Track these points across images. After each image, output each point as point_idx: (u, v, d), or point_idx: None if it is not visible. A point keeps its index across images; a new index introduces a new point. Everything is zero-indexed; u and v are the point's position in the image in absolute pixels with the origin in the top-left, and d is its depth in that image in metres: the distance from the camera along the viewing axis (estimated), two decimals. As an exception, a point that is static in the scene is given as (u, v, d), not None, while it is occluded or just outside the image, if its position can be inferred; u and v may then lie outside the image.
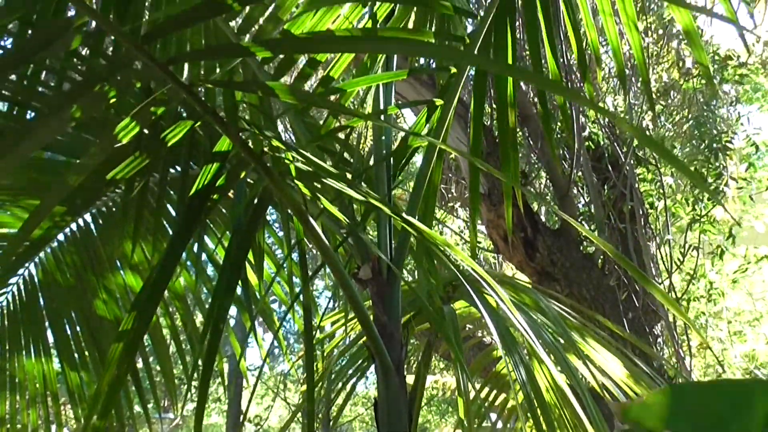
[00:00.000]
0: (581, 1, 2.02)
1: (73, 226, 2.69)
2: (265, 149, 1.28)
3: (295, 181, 1.33)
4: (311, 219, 1.31)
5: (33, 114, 1.43)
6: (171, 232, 2.54)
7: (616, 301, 4.44)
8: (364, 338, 1.90)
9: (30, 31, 1.23)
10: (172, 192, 2.35)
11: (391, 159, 1.68)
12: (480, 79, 1.86)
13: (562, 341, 1.67)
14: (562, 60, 4.52)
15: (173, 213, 2.48)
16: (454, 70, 1.65)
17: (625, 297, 4.54)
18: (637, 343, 2.58)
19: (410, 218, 1.25)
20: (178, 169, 2.04)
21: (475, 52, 1.68)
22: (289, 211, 1.42)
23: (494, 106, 2.96)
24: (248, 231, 1.36)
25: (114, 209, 2.60)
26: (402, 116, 6.36)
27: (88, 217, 2.66)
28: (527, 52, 2.17)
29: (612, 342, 2.13)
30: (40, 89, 1.44)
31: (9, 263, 2.36)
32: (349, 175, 1.90)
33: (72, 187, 1.30)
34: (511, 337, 1.62)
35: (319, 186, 1.35)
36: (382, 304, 1.52)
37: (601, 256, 4.62)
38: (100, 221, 2.65)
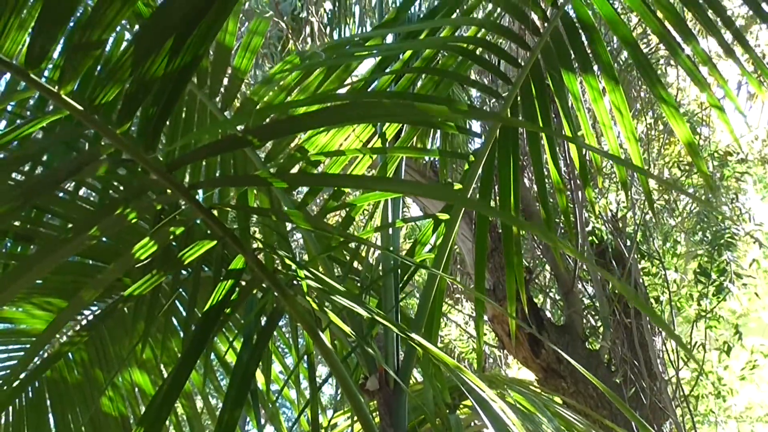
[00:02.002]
0: (581, 115, 2.11)
1: (83, 322, 2.73)
2: (278, 267, 1.34)
3: (306, 296, 1.38)
4: (320, 332, 1.35)
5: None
6: (180, 331, 2.58)
7: (623, 398, 4.40)
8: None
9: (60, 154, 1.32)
10: (183, 292, 2.40)
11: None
12: (486, 182, 1.93)
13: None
14: (564, 159, 4.65)
15: (183, 312, 2.52)
16: (459, 185, 1.73)
17: (632, 394, 4.50)
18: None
19: (415, 336, 1.29)
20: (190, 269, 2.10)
21: (481, 166, 1.76)
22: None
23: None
24: (259, 344, 1.40)
25: (124, 307, 2.64)
26: (408, 207, 6.46)
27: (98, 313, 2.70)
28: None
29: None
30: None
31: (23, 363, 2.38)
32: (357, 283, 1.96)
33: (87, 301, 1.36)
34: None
35: (327, 302, 1.40)
36: (389, 416, 1.54)
37: (607, 353, 4.60)
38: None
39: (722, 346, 5.59)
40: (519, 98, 1.82)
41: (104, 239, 1.98)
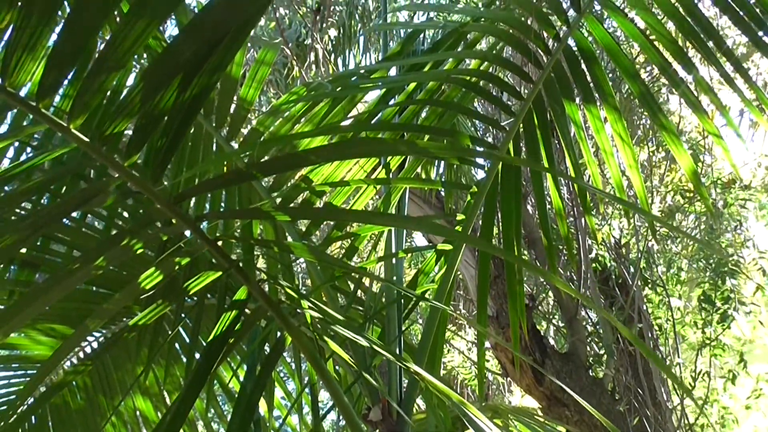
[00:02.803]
0: (583, 144, 2.12)
1: (87, 348, 2.74)
2: (282, 298, 1.35)
3: (309, 327, 1.39)
4: (323, 363, 1.36)
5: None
6: (184, 358, 2.58)
7: (627, 427, 4.37)
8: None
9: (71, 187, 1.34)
10: (187, 319, 2.40)
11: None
12: (488, 213, 1.94)
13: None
14: (567, 185, 4.66)
15: (186, 339, 2.52)
16: (461, 216, 1.74)
17: (636, 422, 4.47)
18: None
19: (417, 368, 1.30)
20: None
21: (483, 197, 1.78)
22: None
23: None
24: (263, 374, 1.41)
25: (127, 328, 2.64)
26: (412, 236, 6.47)
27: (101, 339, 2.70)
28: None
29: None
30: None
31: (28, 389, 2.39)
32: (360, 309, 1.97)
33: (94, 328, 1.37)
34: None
35: (331, 333, 1.41)
36: (391, 447, 1.54)
37: (611, 381, 4.58)
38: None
39: (727, 374, 5.55)
40: (521, 129, 1.84)
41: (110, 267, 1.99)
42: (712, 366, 5.43)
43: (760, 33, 1.87)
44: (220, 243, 1.29)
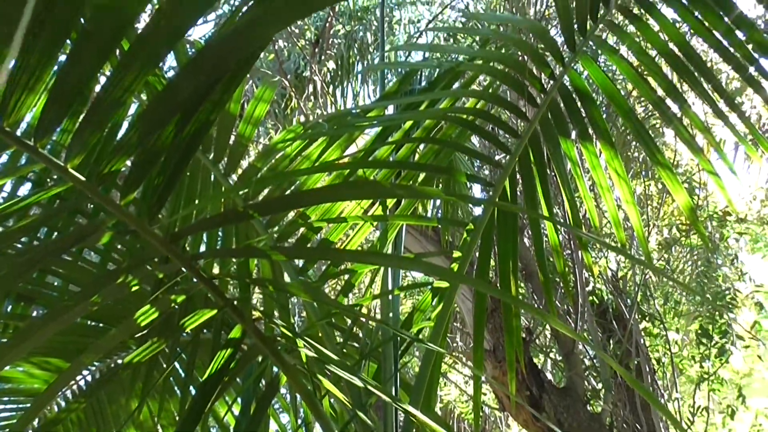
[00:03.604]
0: (580, 182, 2.13)
1: (81, 381, 2.71)
2: (278, 337, 1.34)
3: (305, 365, 1.38)
4: (318, 402, 1.35)
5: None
6: (178, 392, 2.55)
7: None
8: None
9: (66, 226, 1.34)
10: (182, 353, 2.39)
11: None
12: (485, 250, 1.94)
13: None
14: (564, 218, 4.67)
15: (181, 372, 2.50)
16: (458, 254, 1.74)
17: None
18: None
19: (412, 409, 1.29)
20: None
21: (480, 235, 1.78)
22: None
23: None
24: (258, 412, 1.40)
25: (122, 366, 2.62)
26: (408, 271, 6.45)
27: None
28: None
29: None
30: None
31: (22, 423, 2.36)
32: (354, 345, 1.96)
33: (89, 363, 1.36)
34: None
35: (326, 372, 1.40)
36: (387, 487, 1.52)
37: (609, 416, 4.54)
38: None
39: (726, 410, 5.51)
40: (518, 166, 1.85)
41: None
42: (711, 400, 5.39)
43: (752, 70, 1.90)
44: (216, 281, 1.28)
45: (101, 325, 2.30)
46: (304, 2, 0.87)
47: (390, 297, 1.73)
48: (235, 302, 1.28)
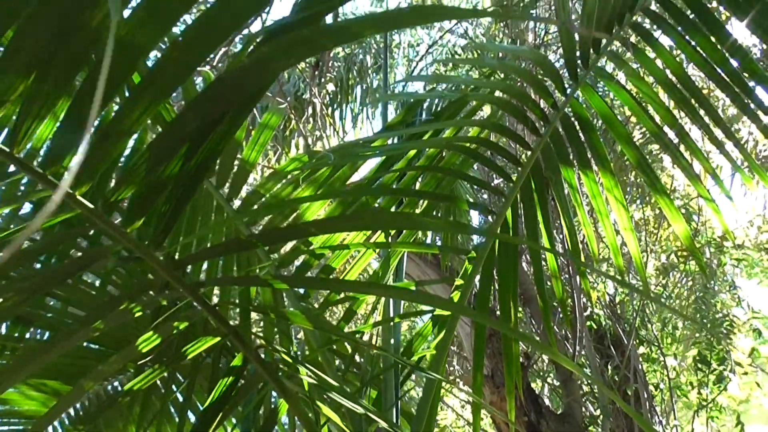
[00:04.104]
0: (580, 210, 2.14)
1: (78, 405, 2.70)
2: (280, 365, 1.34)
3: (307, 393, 1.38)
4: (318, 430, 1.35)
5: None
6: (176, 418, 2.54)
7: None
8: None
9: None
10: (180, 377, 2.38)
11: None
12: (485, 279, 1.95)
13: None
14: (562, 243, 4.68)
15: (180, 397, 2.49)
16: (460, 281, 1.75)
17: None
18: None
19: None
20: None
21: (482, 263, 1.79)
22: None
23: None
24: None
25: (120, 390, 2.61)
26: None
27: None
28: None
29: None
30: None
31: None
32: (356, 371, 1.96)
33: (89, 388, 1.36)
34: None
35: (327, 399, 1.40)
36: None
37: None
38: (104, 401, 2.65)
39: (724, 438, 5.50)
40: (518, 194, 1.87)
41: (105, 326, 1.98)
42: (709, 428, 5.37)
43: (747, 101, 1.92)
44: (213, 306, 1.29)
45: (99, 347, 2.29)
46: (309, 42, 0.89)
47: (391, 324, 1.74)
48: (238, 330, 1.28)
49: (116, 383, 2.65)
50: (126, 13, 0.91)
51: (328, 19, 1.13)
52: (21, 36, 0.89)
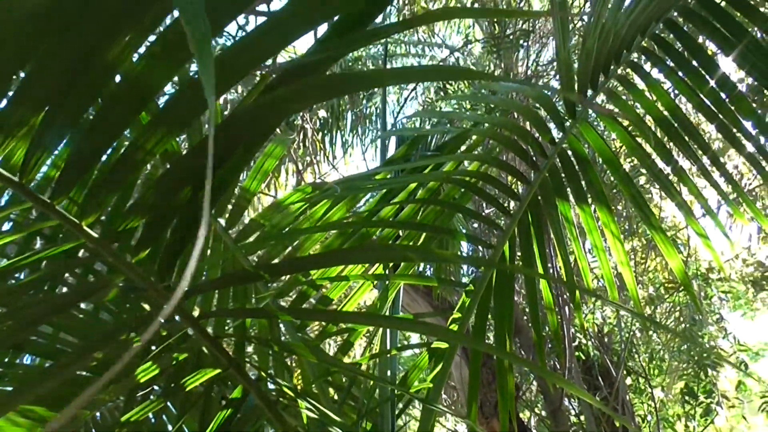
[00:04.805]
0: (575, 244, 2.16)
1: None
2: (280, 398, 1.34)
3: (306, 427, 1.37)
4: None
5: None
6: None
7: None
8: None
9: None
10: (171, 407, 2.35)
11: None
12: (483, 303, 1.95)
13: None
14: (553, 272, 4.70)
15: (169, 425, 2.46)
16: (458, 314, 1.75)
17: None
18: None
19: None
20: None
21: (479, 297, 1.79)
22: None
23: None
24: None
25: (109, 420, 2.58)
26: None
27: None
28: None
29: None
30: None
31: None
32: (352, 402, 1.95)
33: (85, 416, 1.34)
34: None
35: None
36: None
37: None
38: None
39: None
40: (516, 230, 1.88)
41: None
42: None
43: (734, 130, 1.95)
44: (215, 337, 1.28)
45: (90, 374, 2.26)
46: (325, 88, 0.91)
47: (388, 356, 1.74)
48: (238, 361, 1.28)
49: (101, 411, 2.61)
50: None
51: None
52: (38, 70, 0.90)
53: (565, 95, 1.72)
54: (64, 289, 1.81)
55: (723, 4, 1.94)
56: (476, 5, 7.97)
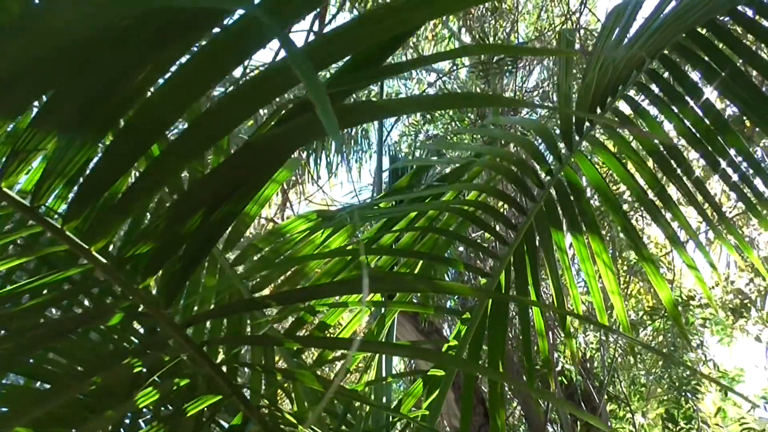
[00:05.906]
0: (568, 274, 2.18)
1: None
2: (281, 425, 1.33)
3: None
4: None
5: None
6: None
7: None
8: None
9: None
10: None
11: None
12: (478, 331, 1.97)
13: None
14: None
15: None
16: (454, 342, 1.76)
17: None
18: None
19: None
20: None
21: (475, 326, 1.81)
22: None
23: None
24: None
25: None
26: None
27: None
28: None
29: None
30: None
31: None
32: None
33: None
34: None
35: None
36: None
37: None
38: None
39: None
40: (512, 259, 1.90)
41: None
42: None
43: (719, 158, 1.98)
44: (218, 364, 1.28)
45: (85, 397, 2.24)
46: (340, 117, 0.92)
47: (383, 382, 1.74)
48: (242, 390, 1.27)
49: None
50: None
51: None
52: (57, 98, 0.90)
53: (563, 128, 1.75)
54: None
55: (707, 34, 1.98)
56: (463, 30, 8.07)
